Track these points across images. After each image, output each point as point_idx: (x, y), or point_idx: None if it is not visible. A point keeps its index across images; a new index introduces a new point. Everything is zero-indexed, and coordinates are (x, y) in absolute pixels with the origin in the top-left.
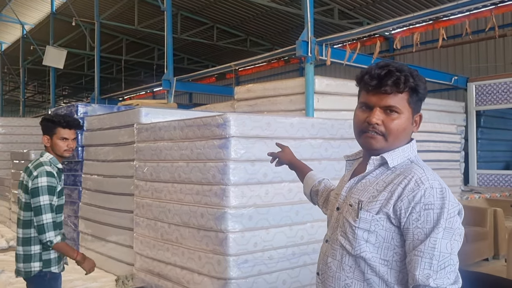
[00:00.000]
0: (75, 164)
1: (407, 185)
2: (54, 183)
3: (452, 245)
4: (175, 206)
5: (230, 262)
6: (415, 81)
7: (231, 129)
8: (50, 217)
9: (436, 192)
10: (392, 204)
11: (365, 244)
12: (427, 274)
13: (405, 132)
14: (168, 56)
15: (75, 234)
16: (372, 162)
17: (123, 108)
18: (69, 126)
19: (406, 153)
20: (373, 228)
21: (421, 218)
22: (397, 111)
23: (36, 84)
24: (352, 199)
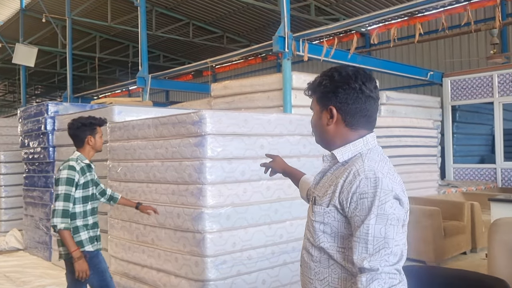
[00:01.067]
0: (46, 165)
1: (347, 177)
2: (73, 175)
3: (386, 230)
4: None
5: (208, 263)
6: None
7: (207, 127)
8: (62, 205)
9: (369, 181)
10: (337, 196)
11: (323, 235)
12: (363, 257)
13: (318, 127)
14: (143, 53)
15: (47, 238)
16: (325, 158)
17: (96, 107)
18: (103, 124)
19: (358, 148)
20: (327, 220)
21: (358, 207)
22: (312, 110)
23: (6, 83)
24: (313, 195)
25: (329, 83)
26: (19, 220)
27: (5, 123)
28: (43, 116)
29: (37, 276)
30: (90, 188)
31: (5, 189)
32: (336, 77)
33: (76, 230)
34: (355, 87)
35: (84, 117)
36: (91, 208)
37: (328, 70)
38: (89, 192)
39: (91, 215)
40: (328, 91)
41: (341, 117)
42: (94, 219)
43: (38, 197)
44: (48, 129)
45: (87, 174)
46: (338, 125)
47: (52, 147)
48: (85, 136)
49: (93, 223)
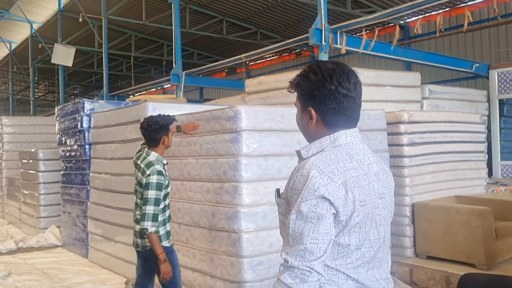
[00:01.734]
0: (82, 162)
1: (293, 173)
2: (162, 180)
3: (303, 227)
4: (184, 205)
5: (244, 264)
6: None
7: (242, 122)
8: (152, 209)
9: (302, 179)
10: (289, 190)
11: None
12: (284, 248)
13: (299, 126)
14: (177, 50)
15: (84, 235)
16: (298, 154)
17: (130, 104)
18: (173, 122)
19: (323, 145)
20: (283, 211)
21: (292, 201)
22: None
23: (47, 83)
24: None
25: (306, 84)
26: (57, 217)
27: (45, 122)
28: (79, 114)
29: (74, 273)
30: (170, 187)
31: (44, 186)
32: (311, 78)
33: None
34: (330, 89)
35: (157, 117)
36: (168, 203)
37: (307, 67)
38: (169, 190)
39: (168, 209)
40: (305, 93)
41: (320, 117)
42: (169, 212)
43: (75, 194)
44: (84, 126)
45: (167, 173)
46: (318, 125)
47: (88, 145)
48: (160, 136)
49: (169, 216)
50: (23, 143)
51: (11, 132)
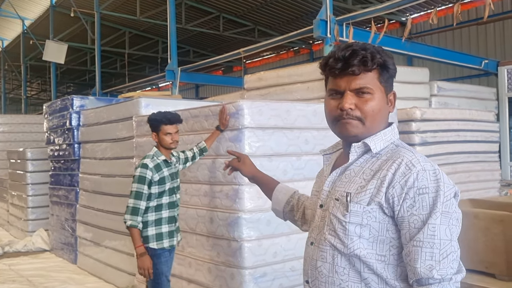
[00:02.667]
0: (71, 162)
1: (397, 169)
2: (144, 173)
3: (451, 231)
4: (180, 209)
5: (246, 276)
6: (382, 56)
7: (245, 119)
8: (133, 202)
9: (429, 174)
10: (384, 192)
11: (359, 240)
12: (429, 265)
13: (381, 113)
14: (172, 45)
15: (72, 239)
16: (354, 150)
17: (122, 100)
18: (170, 122)
19: (388, 137)
20: (366, 221)
21: (416, 204)
22: (369, 91)
23: (40, 81)
24: (338, 193)
25: (392, 65)
26: (46, 219)
27: (35, 120)
28: (68, 111)
29: (61, 281)
30: (167, 184)
31: (32, 187)
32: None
33: (145, 225)
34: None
35: (152, 114)
36: (168, 203)
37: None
38: (166, 188)
39: (168, 209)
40: (390, 74)
41: None
42: (170, 213)
43: (64, 196)
44: (73, 124)
45: (164, 170)
46: None
47: (77, 144)
48: (151, 131)
49: (168, 217)
50: (13, 142)
51: (0, 131)
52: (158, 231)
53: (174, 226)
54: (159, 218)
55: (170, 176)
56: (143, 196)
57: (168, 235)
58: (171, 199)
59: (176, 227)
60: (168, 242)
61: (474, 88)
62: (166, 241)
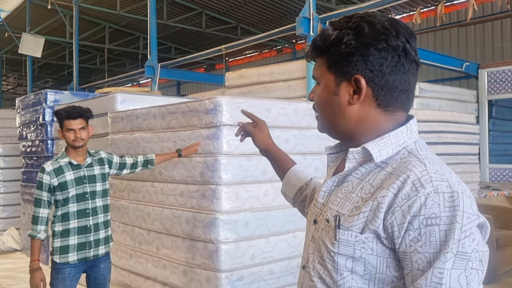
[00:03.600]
0: (44, 159)
1: (401, 189)
2: (41, 178)
3: (468, 278)
4: (155, 210)
5: (222, 279)
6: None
7: (223, 116)
8: (33, 210)
9: (442, 198)
10: (381, 218)
11: (351, 277)
12: None
13: (329, 106)
14: (152, 41)
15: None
16: (351, 156)
17: (98, 96)
18: (73, 117)
19: (400, 140)
20: (359, 253)
21: (422, 239)
22: (319, 81)
23: (16, 75)
24: (329, 211)
25: (355, 39)
26: (17, 218)
27: (9, 115)
28: (42, 106)
29: None
30: (70, 189)
31: (3, 185)
32: (366, 31)
33: (53, 235)
34: (396, 46)
35: (68, 106)
36: (76, 211)
37: (348, 19)
38: (69, 194)
39: (76, 218)
40: (353, 52)
41: (372, 92)
42: (81, 223)
43: None
44: (46, 120)
45: (66, 174)
46: (365, 104)
47: (50, 140)
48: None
49: (78, 227)
50: None
51: None
52: (64, 243)
53: (86, 238)
54: (66, 228)
55: (76, 181)
56: (42, 203)
57: (76, 248)
58: (81, 206)
59: (94, 239)
60: (76, 256)
61: (455, 90)
62: (72, 254)
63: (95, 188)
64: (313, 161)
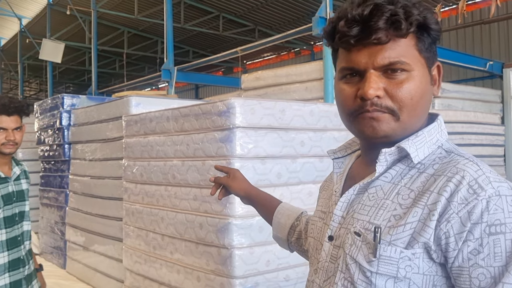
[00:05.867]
0: (61, 163)
1: (455, 192)
2: None
3: None
4: (168, 214)
5: (236, 286)
6: (422, 12)
7: (236, 118)
8: None
9: (505, 202)
10: (433, 227)
11: None
12: None
13: (424, 99)
14: (168, 44)
15: (62, 243)
16: (384, 158)
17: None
18: (6, 112)
19: (433, 138)
20: (403, 272)
21: (485, 250)
22: (404, 68)
23: (38, 81)
24: (358, 223)
25: (436, 25)
26: (36, 222)
27: (29, 120)
28: (59, 110)
29: (48, 287)
30: (12, 204)
31: None
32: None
33: None
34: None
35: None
36: (7, 240)
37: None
38: (3, 214)
39: (7, 250)
40: (435, 38)
41: None
42: (12, 255)
43: (54, 198)
44: (63, 124)
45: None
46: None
47: (67, 144)
48: None
49: (11, 261)
50: None
51: None
52: (7, 282)
53: (20, 274)
54: (4, 262)
55: (4, 199)
56: None
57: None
58: (11, 233)
59: (27, 274)
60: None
61: (479, 90)
62: None
63: (24, 208)
64: (331, 164)
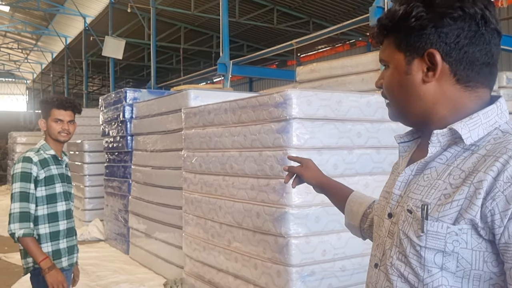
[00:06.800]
0: (124, 154)
1: (502, 171)
2: (29, 169)
3: None
4: (226, 203)
5: (293, 274)
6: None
7: (293, 109)
8: (19, 206)
9: None
10: (479, 205)
11: (440, 274)
12: None
13: (401, 89)
14: (224, 38)
15: (125, 230)
16: (436, 139)
17: (172, 93)
18: (63, 106)
19: (491, 120)
20: (451, 247)
21: None
22: (387, 64)
23: (101, 77)
24: (411, 202)
25: (425, 10)
26: (101, 210)
27: (94, 114)
28: (122, 104)
29: (112, 270)
30: (57, 185)
31: (89, 179)
32: (438, 0)
33: (38, 240)
34: (474, 13)
35: (54, 95)
36: (65, 210)
37: None
38: (56, 190)
39: (65, 219)
40: (424, 24)
41: (449, 68)
42: (69, 224)
43: (117, 188)
44: (126, 117)
45: (52, 167)
46: (442, 82)
47: (130, 136)
48: (41, 117)
49: (67, 229)
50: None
51: None
52: (56, 247)
53: (74, 240)
54: (56, 231)
55: (61, 177)
56: (31, 197)
57: (67, 252)
58: (66, 206)
59: (76, 243)
60: (67, 261)
61: None
62: (65, 259)
63: (71, 190)
64: (388, 156)
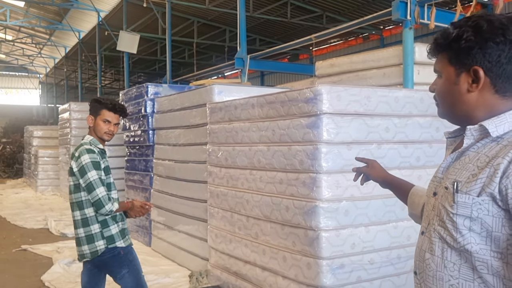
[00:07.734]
0: (146, 148)
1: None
2: (96, 158)
3: None
4: (254, 197)
5: (323, 266)
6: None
7: (323, 104)
8: (103, 190)
9: None
10: (497, 181)
11: (469, 234)
12: None
13: (450, 95)
14: (241, 33)
15: (147, 223)
16: (469, 133)
17: (194, 88)
18: (114, 110)
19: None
20: (476, 213)
21: None
22: (440, 74)
23: (113, 71)
24: (448, 181)
25: (473, 35)
26: None
27: None
28: (143, 99)
29: None
30: (110, 175)
31: None
32: (485, 27)
33: (105, 223)
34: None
35: (106, 98)
36: (117, 198)
37: (468, 19)
38: (111, 179)
39: None
40: (472, 46)
41: (490, 81)
42: None
43: (139, 181)
44: (147, 111)
45: (103, 160)
46: (483, 92)
47: (151, 130)
48: (89, 113)
49: (120, 214)
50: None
51: (78, 117)
52: (122, 227)
53: (125, 224)
54: (115, 215)
55: (106, 168)
56: (102, 182)
57: (126, 233)
58: (116, 194)
59: (126, 225)
60: (129, 240)
61: None
62: (127, 238)
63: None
64: (415, 151)
